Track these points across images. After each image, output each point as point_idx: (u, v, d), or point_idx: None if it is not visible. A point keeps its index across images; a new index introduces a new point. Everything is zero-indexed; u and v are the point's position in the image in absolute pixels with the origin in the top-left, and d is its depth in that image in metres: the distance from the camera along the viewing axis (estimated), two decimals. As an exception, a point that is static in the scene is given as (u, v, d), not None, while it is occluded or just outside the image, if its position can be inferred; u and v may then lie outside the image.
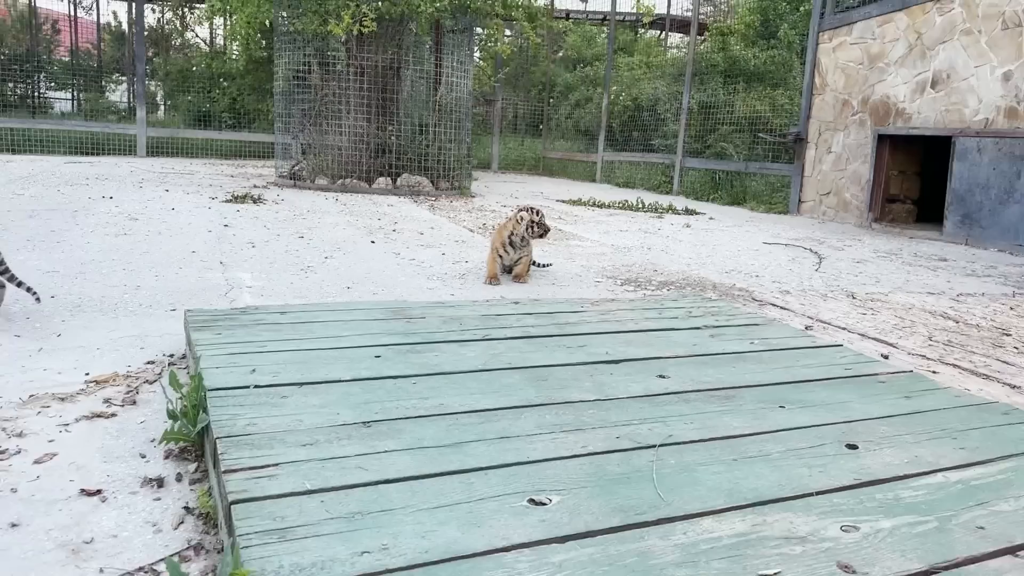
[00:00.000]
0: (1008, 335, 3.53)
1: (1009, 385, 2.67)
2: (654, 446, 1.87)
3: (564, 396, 2.21)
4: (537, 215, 4.47)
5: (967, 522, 1.57)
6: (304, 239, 5.68)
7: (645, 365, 2.57)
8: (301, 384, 2.17)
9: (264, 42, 13.55)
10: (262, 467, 1.62)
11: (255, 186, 9.95)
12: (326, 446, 1.75)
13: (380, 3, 9.38)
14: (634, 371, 2.50)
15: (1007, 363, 2.98)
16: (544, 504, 1.53)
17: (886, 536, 1.49)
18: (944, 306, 4.17)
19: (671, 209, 9.95)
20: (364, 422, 1.91)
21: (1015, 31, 7.72)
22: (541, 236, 4.49)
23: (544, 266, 4.98)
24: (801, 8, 14.49)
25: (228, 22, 16.15)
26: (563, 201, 10.71)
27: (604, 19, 20.37)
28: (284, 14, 10.37)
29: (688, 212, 9.82)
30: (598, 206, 10.17)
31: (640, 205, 10.12)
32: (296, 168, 10.70)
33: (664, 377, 2.44)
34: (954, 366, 2.87)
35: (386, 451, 1.74)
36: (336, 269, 4.55)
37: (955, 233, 8.19)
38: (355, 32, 9.24)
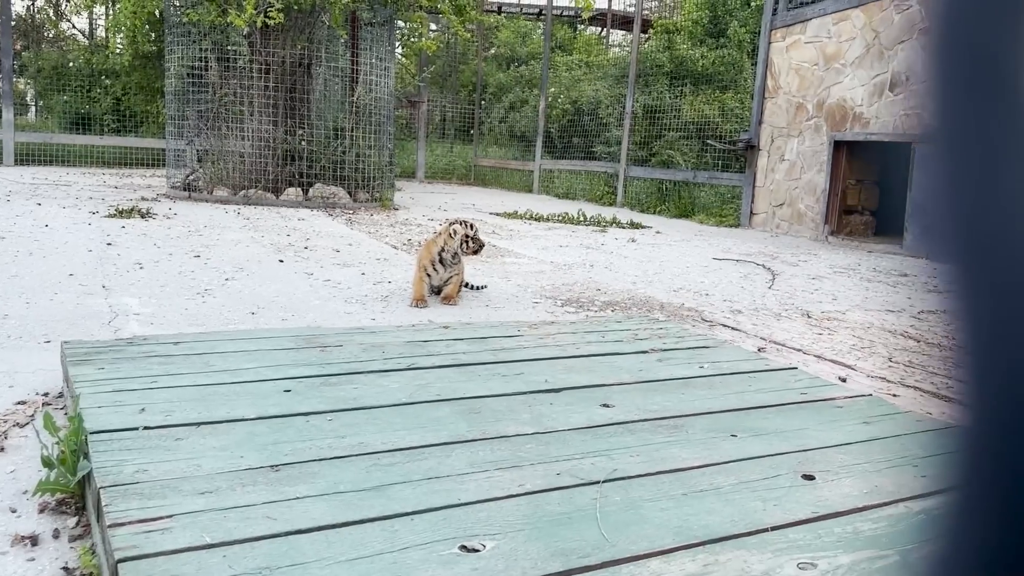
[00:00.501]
0: (971, 354, 3.72)
1: (972, 407, 2.82)
2: (598, 482, 1.90)
3: (499, 430, 2.23)
4: (471, 229, 4.50)
5: (929, 555, 1.65)
6: (201, 258, 5.57)
7: (588, 393, 2.62)
8: (198, 424, 2.13)
9: (153, 35, 13.30)
10: (154, 519, 1.59)
11: (143, 199, 9.71)
12: (228, 494, 1.73)
13: (288, -8, 9.34)
14: (576, 400, 2.53)
15: (970, 384, 3.14)
16: (477, 551, 1.54)
17: (845, 573, 1.55)
18: (905, 324, 4.36)
19: (615, 222, 10.13)
20: (272, 466, 1.89)
21: (971, 32, 8.17)
22: (476, 252, 4.53)
23: (478, 288, 5.00)
24: (752, 4, 15.04)
25: (111, 11, 15.81)
26: (497, 214, 10.78)
27: (540, 14, 20.71)
28: (177, 3, 10.23)
29: (633, 226, 10.01)
30: (536, 219, 10.28)
31: (581, 218, 10.27)
32: (191, 178, 10.49)
33: (608, 406, 2.49)
34: (915, 388, 3.01)
35: (297, 498, 1.72)
36: (239, 292, 4.48)
37: (916, 246, 8.57)
38: (259, 24, 9.16)
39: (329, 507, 1.69)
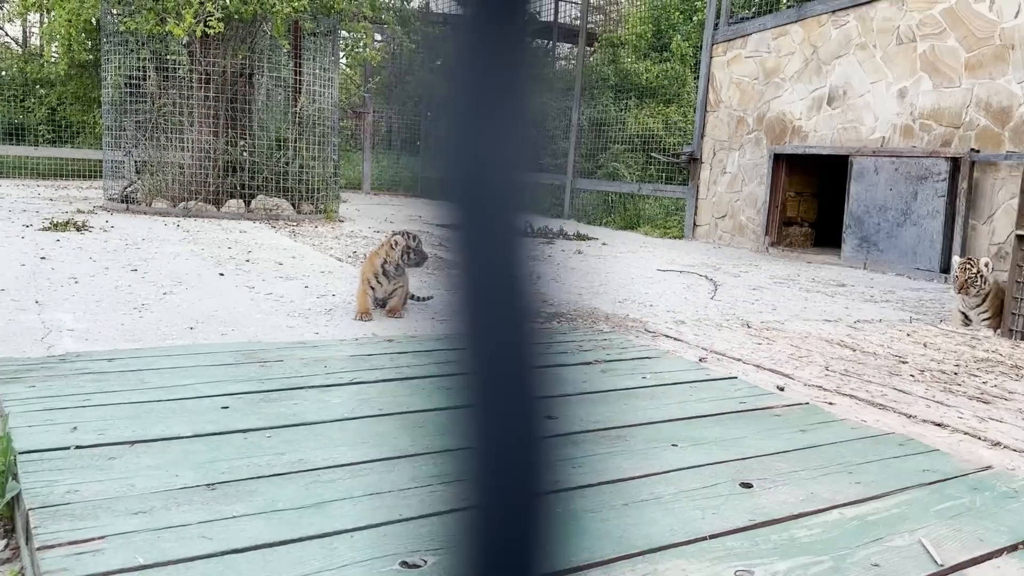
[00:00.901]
0: (905, 362, 3.83)
1: (905, 415, 2.90)
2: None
3: (442, 444, 2.22)
4: (414, 240, 4.49)
5: (862, 560, 1.70)
6: (138, 272, 5.46)
7: (531, 406, 2.63)
8: (133, 443, 2.09)
9: (90, 43, 13.00)
10: (85, 541, 1.55)
11: (79, 211, 9.48)
12: (163, 513, 1.70)
13: (228, 1, 9.23)
14: (519, 413, 2.54)
15: (903, 392, 3.23)
16: (418, 567, 1.54)
17: (780, 579, 1.58)
18: (841, 334, 4.48)
19: (562, 234, 10.20)
20: (208, 484, 1.86)
21: (909, 46, 8.45)
22: (418, 264, 4.50)
23: (424, 299, 4.99)
24: (694, 18, 15.33)
25: (45, 19, 15.41)
26: (444, 226, 10.76)
27: (485, 26, 20.78)
28: (114, 11, 10.03)
29: (580, 237, 10.09)
30: (482, 231, 10.29)
31: (528, 229, 10.31)
32: (129, 190, 10.27)
33: (551, 418, 2.50)
34: (851, 396, 3.09)
35: (234, 516, 1.70)
36: (177, 307, 4.40)
37: (853, 257, 8.80)
38: (198, 34, 9.03)
39: (267, 525, 1.67)
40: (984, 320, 5.00)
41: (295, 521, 1.69)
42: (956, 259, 5.18)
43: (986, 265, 4.92)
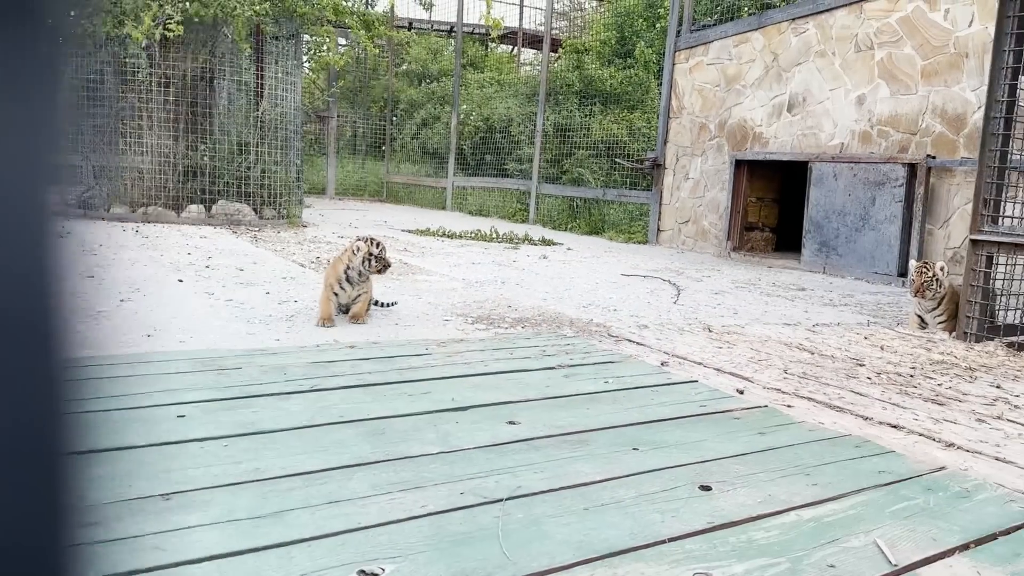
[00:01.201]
0: (862, 365, 3.89)
1: (862, 417, 2.94)
2: (501, 500, 1.91)
3: (403, 451, 2.21)
4: (377, 247, 4.46)
5: (818, 561, 1.72)
6: (95, 279, 5.36)
7: (494, 411, 2.63)
8: (85, 453, 2.04)
9: (46, 45, 12.76)
10: (33, 555, 1.52)
11: (35, 216, 9.29)
12: (115, 524, 1.66)
13: (188, 4, 9.13)
14: (482, 418, 2.54)
15: (860, 394, 3.28)
16: (376, 574, 1.53)
17: (738, 581, 1.60)
18: (800, 337, 4.54)
19: (527, 239, 10.22)
20: (163, 494, 1.83)
21: (868, 54, 8.61)
22: (381, 271, 4.48)
23: (388, 305, 4.96)
24: (657, 25, 15.46)
25: None
26: (410, 231, 10.74)
27: (451, 31, 20.81)
28: (71, 13, 9.85)
29: (545, 242, 10.12)
30: (448, 236, 10.28)
31: (494, 235, 10.32)
32: (86, 195, 10.10)
33: (514, 423, 2.50)
34: (808, 399, 3.13)
35: (189, 527, 1.67)
36: (134, 314, 4.33)
37: (813, 261, 8.93)
38: (158, 37, 8.92)
39: (222, 535, 1.64)
40: (940, 323, 5.10)
41: (251, 531, 1.67)
42: (913, 263, 5.28)
43: (941, 269, 5.01)
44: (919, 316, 5.22)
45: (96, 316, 4.22)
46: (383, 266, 4.44)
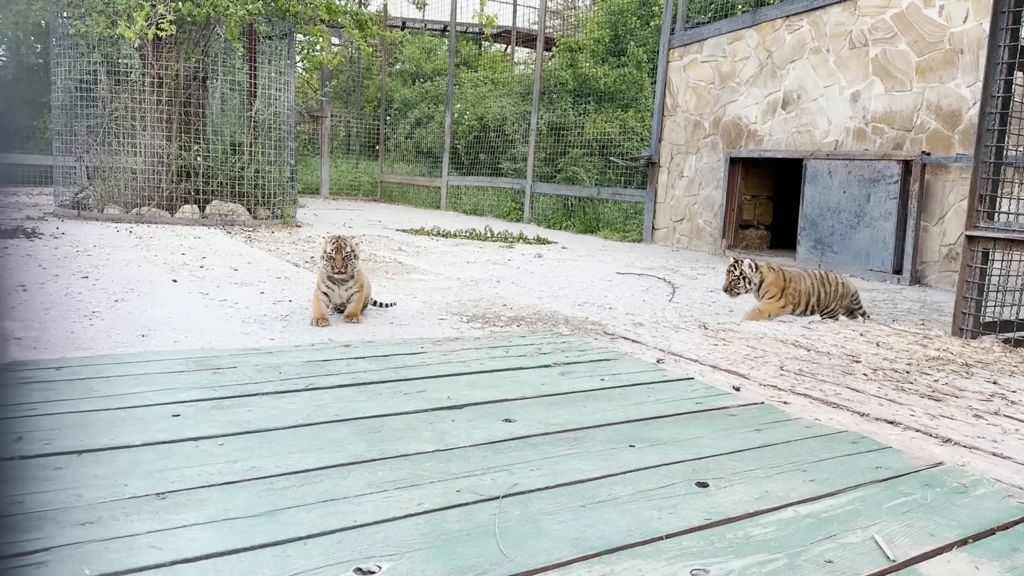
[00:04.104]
0: (858, 362, 3.89)
1: (858, 413, 2.94)
2: (497, 498, 1.90)
3: (399, 449, 2.21)
4: (332, 245, 4.37)
5: (816, 557, 1.72)
6: (89, 279, 5.35)
7: (490, 409, 2.62)
8: (80, 452, 2.04)
9: (39, 46, 12.74)
10: (28, 553, 1.51)
11: (29, 217, 9.27)
12: (110, 524, 1.66)
13: (181, 4, 9.10)
14: (478, 416, 2.54)
15: (856, 390, 3.28)
16: (372, 572, 1.52)
17: (735, 577, 1.59)
18: (796, 334, 4.54)
19: (522, 238, 10.21)
20: (158, 493, 1.82)
21: (862, 51, 8.62)
22: (341, 272, 4.37)
23: (387, 305, 4.95)
24: (651, 23, 15.47)
25: (-9, 20, 15.07)
26: (404, 230, 10.73)
27: (444, 30, 20.79)
28: (64, 14, 9.83)
29: (540, 241, 10.11)
30: (443, 235, 10.27)
31: (489, 234, 10.32)
32: (81, 196, 10.08)
33: (510, 421, 2.50)
34: (805, 395, 3.13)
35: (184, 526, 1.67)
36: (129, 314, 4.32)
37: (808, 259, 8.94)
38: (150, 36, 8.89)
39: (218, 534, 1.64)
40: (780, 307, 5.10)
41: (247, 530, 1.67)
42: (729, 258, 5.36)
43: (750, 266, 5.00)
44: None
45: (91, 316, 4.21)
46: (341, 266, 4.36)
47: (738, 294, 5.06)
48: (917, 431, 2.74)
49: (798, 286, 5.08)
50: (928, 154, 7.94)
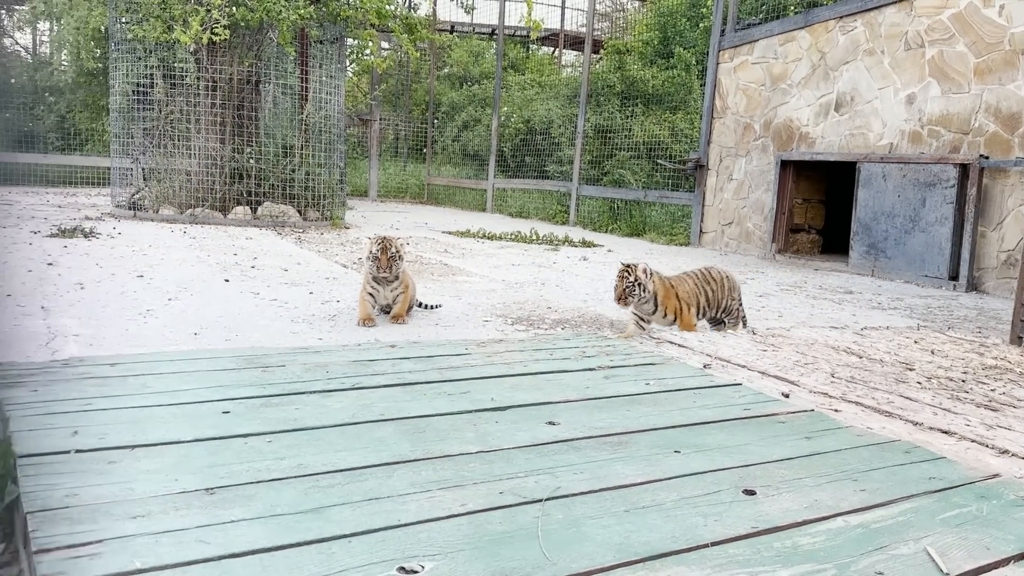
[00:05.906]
0: (912, 370, 3.80)
1: (911, 422, 2.87)
2: (540, 500, 1.90)
3: (443, 449, 2.21)
4: (378, 246, 4.39)
5: (865, 568, 1.68)
6: (144, 279, 5.47)
7: (534, 411, 2.62)
8: (133, 447, 2.08)
9: (99, 51, 13.09)
10: (82, 544, 1.55)
11: (87, 218, 9.52)
12: (161, 517, 1.69)
13: (235, 8, 9.27)
14: (521, 418, 2.53)
15: (910, 399, 3.21)
16: (415, 572, 1.53)
17: (782, 586, 1.57)
18: (848, 341, 4.45)
19: (567, 241, 10.19)
20: (207, 489, 1.85)
21: (918, 52, 8.43)
22: (387, 271, 4.38)
23: (433, 307, 4.98)
24: (701, 25, 15.33)
25: (55, 27, 15.51)
26: (450, 232, 10.78)
27: (492, 33, 20.86)
28: (123, 19, 10.08)
29: (585, 244, 10.08)
30: (488, 238, 10.30)
31: (534, 237, 10.31)
32: (137, 197, 10.32)
33: (554, 424, 2.49)
34: (856, 403, 3.07)
35: (232, 521, 1.69)
36: (182, 313, 4.41)
37: (861, 264, 8.76)
38: (205, 41, 9.08)
39: (265, 530, 1.66)
40: (663, 321, 4.56)
41: (293, 526, 1.68)
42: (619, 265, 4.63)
43: (644, 272, 4.44)
44: (636, 316, 4.58)
45: (145, 314, 4.30)
46: (386, 267, 4.38)
47: (630, 304, 4.42)
48: (973, 441, 2.66)
49: (680, 290, 4.60)
50: (986, 157, 7.73)
